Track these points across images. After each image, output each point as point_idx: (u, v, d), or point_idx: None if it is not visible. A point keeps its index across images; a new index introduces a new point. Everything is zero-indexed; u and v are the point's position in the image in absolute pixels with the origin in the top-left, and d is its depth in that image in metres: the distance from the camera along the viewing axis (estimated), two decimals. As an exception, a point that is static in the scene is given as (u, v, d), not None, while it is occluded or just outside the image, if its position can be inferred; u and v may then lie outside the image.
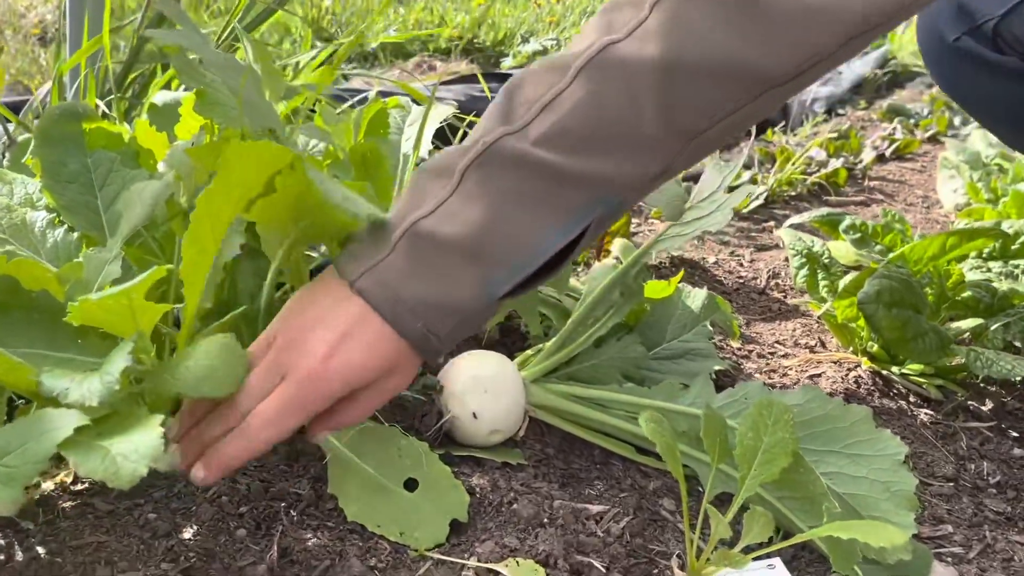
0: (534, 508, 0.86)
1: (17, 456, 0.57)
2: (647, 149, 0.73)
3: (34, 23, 3.82)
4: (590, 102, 0.71)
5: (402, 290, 0.72)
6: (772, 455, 0.83)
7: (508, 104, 0.74)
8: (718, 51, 0.70)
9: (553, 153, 0.72)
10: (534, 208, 0.73)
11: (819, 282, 1.36)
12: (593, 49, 0.72)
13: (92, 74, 1.31)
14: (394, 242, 0.73)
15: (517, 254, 0.74)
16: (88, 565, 0.72)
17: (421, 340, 0.74)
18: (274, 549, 0.77)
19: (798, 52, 0.71)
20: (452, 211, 0.73)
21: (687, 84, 0.71)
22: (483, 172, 0.73)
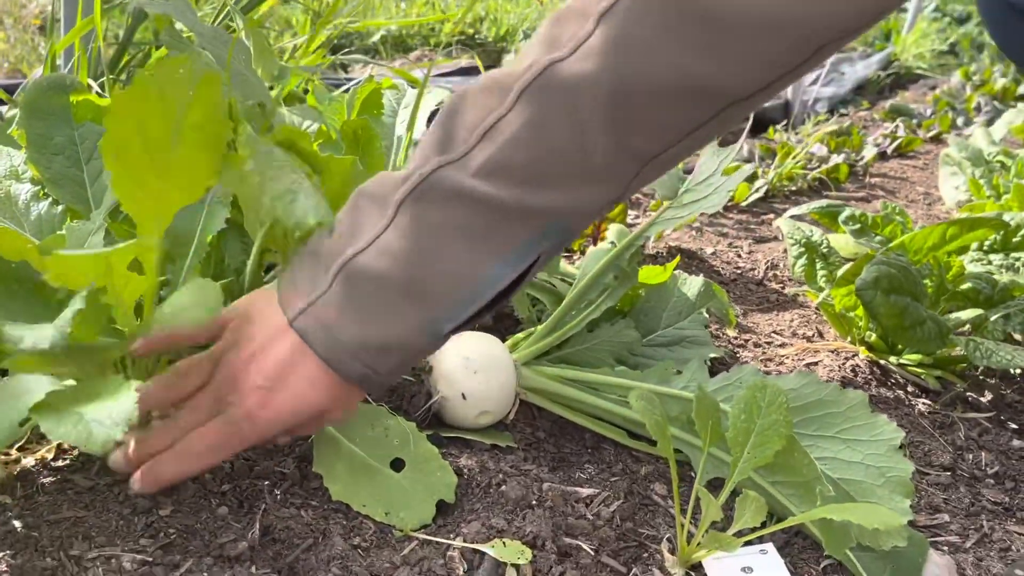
0: (523, 490, 0.85)
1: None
2: (598, 178, 0.67)
3: (34, 13, 3.81)
4: (533, 130, 0.65)
5: (340, 332, 0.68)
6: (765, 438, 0.81)
7: (446, 129, 0.68)
8: (672, 70, 0.63)
9: (495, 186, 0.65)
10: (475, 244, 0.67)
11: (817, 272, 1.35)
12: (535, 69, 0.65)
13: (85, 55, 1.29)
14: (331, 277, 0.68)
15: (459, 292, 0.68)
16: (65, 539, 0.71)
17: (362, 379, 0.71)
18: (256, 527, 0.76)
19: (762, 67, 0.64)
20: (387, 247, 0.67)
21: (639, 107, 0.64)
22: (419, 206, 0.67)
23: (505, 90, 0.65)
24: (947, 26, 7.39)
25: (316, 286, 0.69)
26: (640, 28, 0.62)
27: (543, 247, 0.69)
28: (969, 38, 6.99)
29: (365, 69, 3.07)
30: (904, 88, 5.10)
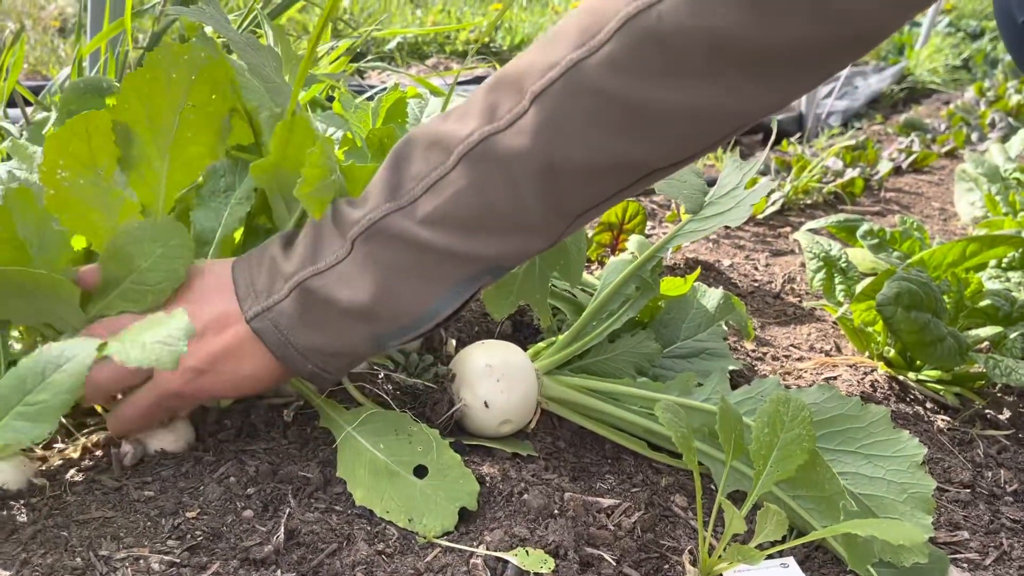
0: (544, 499, 0.85)
1: (43, 390, 0.56)
2: (532, 230, 0.76)
3: (53, 15, 3.84)
4: (472, 191, 0.73)
5: (293, 336, 0.78)
6: (788, 452, 0.81)
7: (396, 176, 0.76)
8: (598, 149, 0.69)
9: (438, 234, 0.74)
10: (421, 281, 0.76)
11: (836, 286, 1.35)
12: (473, 139, 0.72)
13: (112, 57, 1.31)
14: (288, 289, 0.77)
15: (406, 319, 0.78)
16: (94, 539, 0.71)
17: (311, 376, 0.81)
18: (281, 531, 0.76)
19: (681, 146, 0.71)
20: (342, 276, 0.76)
21: (568, 179, 0.72)
22: (371, 246, 0.76)
23: (448, 151, 0.73)
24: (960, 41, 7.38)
25: (273, 292, 0.77)
26: (569, 113, 0.69)
27: (480, 283, 0.78)
28: (983, 53, 6.98)
29: (381, 75, 3.08)
30: (917, 102, 5.09)
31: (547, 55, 0.69)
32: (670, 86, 0.66)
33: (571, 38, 0.68)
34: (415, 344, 1.09)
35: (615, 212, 1.49)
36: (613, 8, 0.66)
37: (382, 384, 0.99)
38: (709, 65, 0.65)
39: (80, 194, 0.73)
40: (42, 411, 0.59)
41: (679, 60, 0.65)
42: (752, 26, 0.62)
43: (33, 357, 0.60)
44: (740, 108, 0.68)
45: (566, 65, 0.68)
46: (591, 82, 0.67)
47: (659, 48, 0.64)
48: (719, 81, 0.65)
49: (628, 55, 0.65)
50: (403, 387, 0.99)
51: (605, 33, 0.66)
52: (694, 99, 0.66)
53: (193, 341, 0.77)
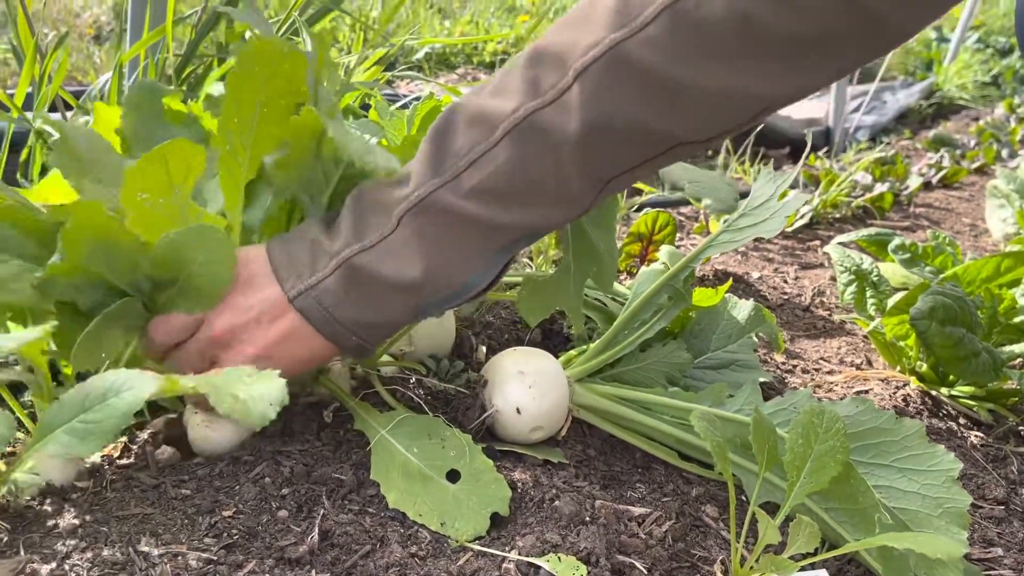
0: (576, 506, 0.85)
1: (99, 411, 0.58)
2: (568, 200, 0.81)
3: (88, 23, 3.91)
4: (516, 165, 0.77)
5: (338, 313, 0.81)
6: (822, 463, 0.81)
7: (438, 151, 0.79)
8: (636, 123, 0.74)
9: (482, 206, 0.78)
10: (464, 253, 0.81)
11: (867, 299, 1.34)
12: (519, 114, 0.76)
13: (152, 64, 1.33)
14: (332, 268, 0.80)
15: (448, 290, 0.82)
16: (133, 535, 0.72)
17: (355, 349, 0.84)
18: (315, 531, 0.77)
19: (712, 124, 0.77)
20: (389, 251, 0.79)
21: (606, 148, 0.76)
22: (419, 221, 0.79)
23: (492, 126, 0.77)
24: (990, 58, 7.32)
25: (316, 270, 0.80)
26: (611, 88, 0.74)
27: (515, 251, 0.84)
28: (1012, 70, 6.92)
29: (410, 84, 3.11)
30: (946, 118, 5.05)
31: (586, 34, 0.74)
32: (704, 67, 0.71)
33: (609, 19, 0.73)
34: (446, 349, 1.09)
35: (645, 222, 1.49)
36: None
37: (414, 388, 1.00)
38: (741, 49, 0.70)
39: (160, 212, 0.76)
40: (93, 431, 0.61)
41: (714, 44, 0.70)
42: (783, 14, 0.68)
43: (99, 378, 0.63)
44: (769, 92, 0.74)
45: (609, 44, 0.72)
46: (633, 60, 0.72)
47: (696, 32, 0.70)
48: (750, 65, 0.71)
49: (667, 37, 0.71)
50: (434, 392, 0.99)
51: (646, 16, 0.71)
52: (726, 81, 0.72)
53: (251, 328, 0.80)
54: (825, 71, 0.73)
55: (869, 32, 0.70)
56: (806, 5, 0.67)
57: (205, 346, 0.81)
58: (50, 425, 0.65)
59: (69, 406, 0.65)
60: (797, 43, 0.69)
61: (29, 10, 1.35)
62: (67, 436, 0.64)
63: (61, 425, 0.64)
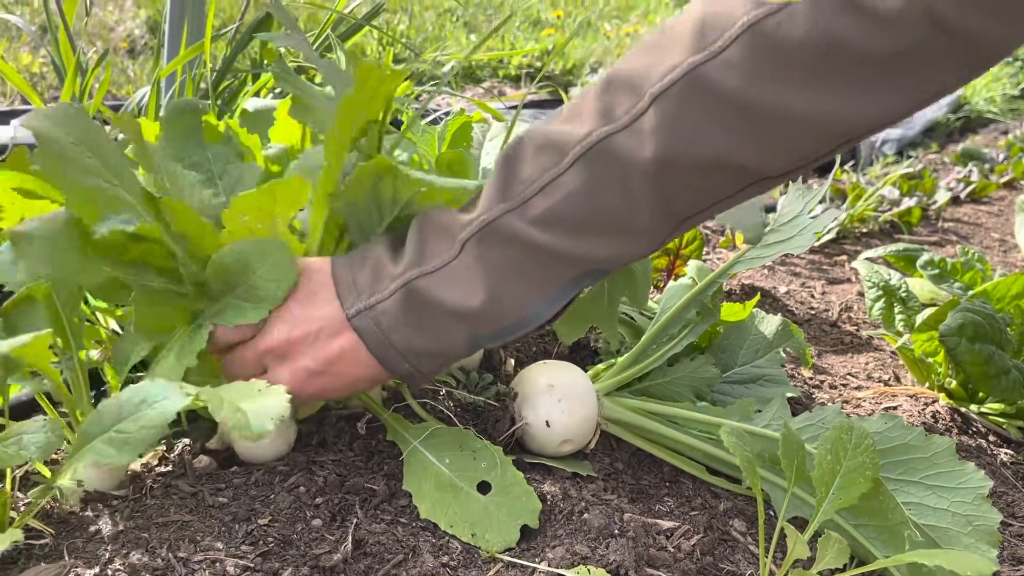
0: (605, 519, 0.86)
1: (133, 422, 0.59)
2: (639, 233, 0.77)
3: (122, 36, 3.98)
4: (586, 192, 0.74)
5: (394, 335, 0.79)
6: (851, 479, 0.81)
7: (506, 178, 0.77)
8: (713, 151, 0.71)
9: (549, 234, 0.75)
10: (528, 283, 0.77)
11: (895, 315, 1.34)
12: (591, 139, 0.73)
13: (190, 79, 1.36)
14: (392, 290, 0.78)
15: (507, 321, 0.79)
16: (173, 541, 0.74)
17: (406, 376, 0.82)
18: (348, 540, 0.78)
19: (795, 154, 0.72)
20: (451, 277, 0.77)
21: (681, 179, 0.73)
22: (483, 247, 0.77)
23: (562, 151, 0.74)
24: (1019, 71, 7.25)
25: (376, 291, 0.79)
26: (690, 114, 0.70)
27: (581, 286, 0.79)
28: (1042, 83, 6.85)
29: (437, 99, 3.14)
30: (974, 132, 5.01)
31: (662, 59, 0.71)
32: (786, 90, 0.68)
33: (686, 43, 0.70)
34: (475, 362, 1.11)
35: (672, 237, 1.49)
36: (731, 16, 0.68)
37: (444, 401, 1.01)
38: (825, 72, 0.67)
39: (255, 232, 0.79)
40: (128, 440, 0.63)
41: (797, 66, 0.67)
42: (868, 33, 0.64)
43: (135, 389, 0.64)
44: (852, 116, 0.69)
45: (687, 67, 0.69)
46: (712, 84, 0.69)
47: (778, 54, 0.67)
48: (835, 88, 0.67)
49: (748, 60, 0.68)
50: (464, 404, 1.01)
51: (725, 39, 0.68)
52: (810, 105, 0.68)
53: (308, 342, 0.80)
54: (915, 93, 0.69)
55: (962, 51, 0.66)
56: (892, 24, 0.64)
57: (261, 354, 0.81)
58: (89, 434, 0.66)
59: (106, 416, 0.66)
60: (884, 64, 0.66)
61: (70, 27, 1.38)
62: (104, 445, 0.65)
63: (99, 435, 0.66)
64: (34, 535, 0.73)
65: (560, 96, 3.46)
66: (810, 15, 0.66)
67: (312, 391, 0.82)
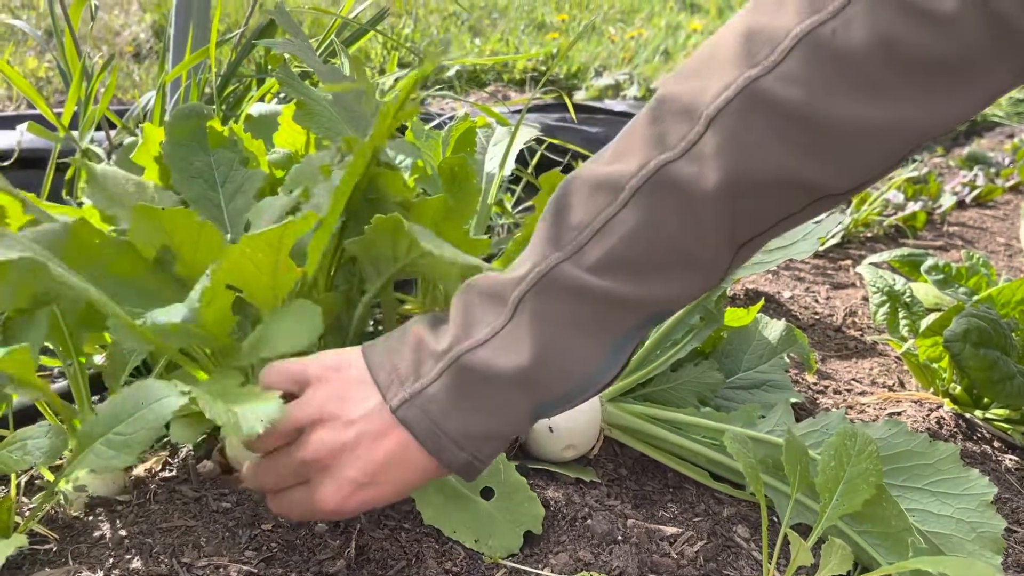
0: (608, 525, 0.86)
1: (131, 423, 0.59)
2: (702, 266, 0.70)
3: (127, 40, 3.99)
4: (647, 227, 0.68)
5: (446, 424, 0.70)
6: (855, 486, 0.81)
7: (557, 226, 0.70)
8: (779, 169, 0.66)
9: (609, 280, 0.69)
10: (590, 335, 0.70)
11: (900, 321, 1.34)
12: (648, 170, 0.67)
13: (195, 84, 1.36)
14: (440, 370, 0.69)
15: (572, 383, 0.71)
16: (177, 547, 0.74)
17: (464, 466, 0.72)
18: (352, 546, 0.78)
19: (860, 167, 0.68)
20: (506, 343, 0.69)
21: (743, 201, 0.68)
22: (539, 302, 0.69)
23: (616, 188, 0.68)
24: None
25: (421, 375, 0.70)
26: (749, 132, 0.65)
27: (643, 332, 0.73)
28: (1048, 86, 6.83)
29: (441, 103, 3.14)
30: (979, 135, 5.00)
31: (713, 79, 0.67)
32: (847, 99, 0.65)
33: (737, 59, 0.66)
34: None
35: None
36: (782, 28, 0.65)
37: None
38: (887, 77, 0.64)
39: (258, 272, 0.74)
40: (128, 442, 0.62)
41: (857, 73, 0.64)
42: (926, 35, 0.62)
43: (129, 389, 0.64)
44: (918, 122, 0.66)
45: (742, 84, 0.65)
46: (771, 99, 0.65)
47: (837, 62, 0.64)
48: (894, 95, 0.65)
49: (806, 71, 0.64)
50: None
51: (779, 52, 0.65)
52: (872, 112, 0.65)
53: (351, 449, 0.70)
54: (976, 96, 0.66)
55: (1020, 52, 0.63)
56: (951, 25, 0.61)
57: (300, 466, 0.71)
58: (89, 437, 0.66)
59: (105, 419, 0.66)
60: (945, 67, 0.63)
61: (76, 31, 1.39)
62: (104, 448, 0.65)
63: (98, 438, 0.66)
64: (38, 540, 0.74)
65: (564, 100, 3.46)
66: (866, 21, 0.63)
67: (357, 504, 0.71)
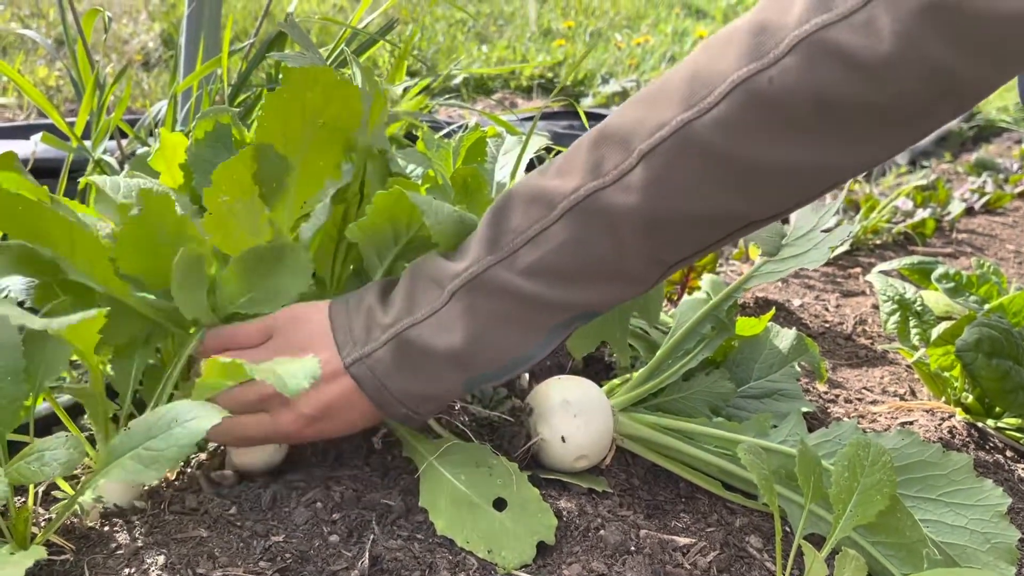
0: (621, 535, 0.86)
1: (163, 439, 0.60)
2: (628, 280, 0.79)
3: (136, 49, 4.01)
4: (575, 244, 0.75)
5: (389, 382, 0.81)
6: (868, 496, 0.81)
7: (495, 230, 0.79)
8: (705, 204, 0.72)
9: (538, 284, 0.77)
10: (517, 330, 0.79)
11: (910, 329, 1.34)
12: (580, 194, 0.75)
13: (206, 93, 1.37)
14: (385, 340, 0.80)
15: (499, 364, 0.81)
16: (192, 558, 0.74)
17: (404, 418, 0.84)
18: (365, 557, 0.78)
19: (783, 200, 0.74)
20: (440, 325, 0.79)
21: (670, 232, 0.74)
22: (471, 297, 0.79)
23: (551, 205, 0.76)
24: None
25: (370, 341, 0.81)
26: (678, 170, 0.71)
27: (571, 328, 0.82)
28: (1056, 92, 6.81)
29: (449, 111, 3.15)
30: (987, 141, 4.99)
31: (653, 115, 0.72)
32: (777, 145, 0.69)
33: (677, 99, 0.71)
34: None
35: (685, 250, 1.49)
36: (722, 73, 0.69)
37: (458, 416, 1.01)
38: (817, 125, 0.68)
39: (235, 217, 0.80)
40: (157, 458, 0.63)
41: (788, 120, 0.68)
42: (859, 86, 0.65)
43: (166, 407, 0.65)
44: (843, 164, 0.71)
45: (676, 125, 0.70)
46: (701, 142, 0.70)
47: (769, 109, 0.68)
48: (825, 139, 0.68)
49: (738, 116, 0.68)
50: (479, 419, 1.01)
51: (716, 96, 0.69)
52: (800, 156, 0.69)
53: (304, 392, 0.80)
54: (903, 137, 0.71)
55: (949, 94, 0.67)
56: (884, 74, 0.65)
57: (259, 400, 0.82)
58: (118, 450, 0.67)
59: (136, 433, 0.67)
60: (875, 113, 0.67)
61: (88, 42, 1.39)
62: (133, 462, 0.66)
63: (128, 451, 0.67)
64: (55, 551, 0.74)
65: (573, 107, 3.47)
66: (802, 71, 0.67)
67: (310, 434, 0.84)
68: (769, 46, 0.68)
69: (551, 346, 0.82)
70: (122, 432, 0.65)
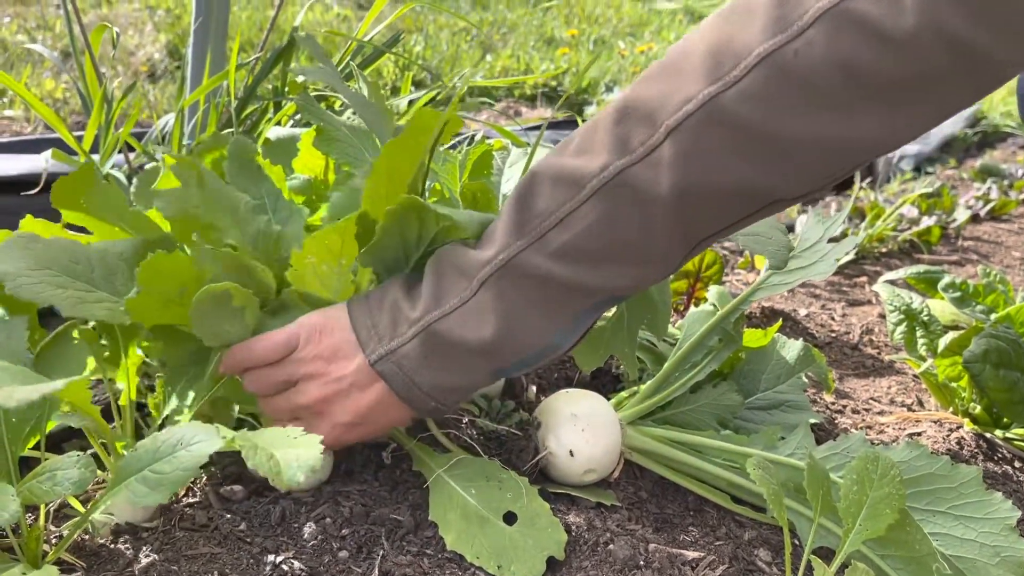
0: (630, 550, 0.86)
1: (168, 462, 0.60)
2: (656, 260, 0.78)
3: (142, 60, 4.03)
4: (604, 224, 0.75)
5: (418, 378, 0.81)
6: (878, 510, 0.81)
7: (521, 214, 0.78)
8: (733, 179, 0.72)
9: (567, 267, 0.77)
10: (546, 314, 0.79)
11: (917, 339, 1.33)
12: (609, 172, 0.74)
13: (213, 106, 1.38)
14: (412, 334, 0.80)
15: (528, 352, 0.81)
16: (202, 574, 0.75)
17: (432, 412, 0.85)
18: (375, 573, 0.79)
19: (811, 177, 0.73)
20: (469, 316, 0.79)
21: (699, 208, 0.74)
22: (501, 285, 0.78)
23: (578, 184, 0.75)
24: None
25: (396, 335, 0.81)
26: (705, 145, 0.71)
27: (599, 313, 0.82)
28: (1060, 97, 6.80)
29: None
30: (992, 147, 4.98)
31: (677, 88, 0.71)
32: (805, 118, 0.68)
33: (703, 72, 0.70)
34: (497, 390, 1.11)
35: (692, 260, 1.50)
36: (747, 45, 0.69)
37: (467, 429, 1.01)
38: (843, 97, 0.67)
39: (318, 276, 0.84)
40: (163, 481, 0.64)
41: (815, 93, 0.67)
42: (885, 57, 0.65)
43: (171, 431, 0.66)
44: (870, 140, 0.70)
45: (702, 99, 0.70)
46: (728, 115, 0.69)
47: (796, 82, 0.67)
48: (852, 113, 0.68)
49: (766, 90, 0.68)
50: (487, 433, 1.01)
51: (741, 69, 0.68)
52: (828, 131, 0.69)
53: (341, 399, 0.83)
54: (932, 112, 0.70)
55: (973, 70, 0.66)
56: (907, 46, 0.64)
57: (297, 410, 0.84)
58: (125, 472, 0.67)
59: (142, 456, 0.67)
60: (900, 87, 0.67)
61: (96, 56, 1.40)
62: (139, 484, 0.66)
63: (135, 473, 0.67)
64: (66, 568, 0.74)
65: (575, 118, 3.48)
66: (827, 43, 0.66)
67: (348, 440, 0.86)
68: (793, 17, 0.67)
69: (578, 332, 0.82)
70: (130, 454, 0.66)
